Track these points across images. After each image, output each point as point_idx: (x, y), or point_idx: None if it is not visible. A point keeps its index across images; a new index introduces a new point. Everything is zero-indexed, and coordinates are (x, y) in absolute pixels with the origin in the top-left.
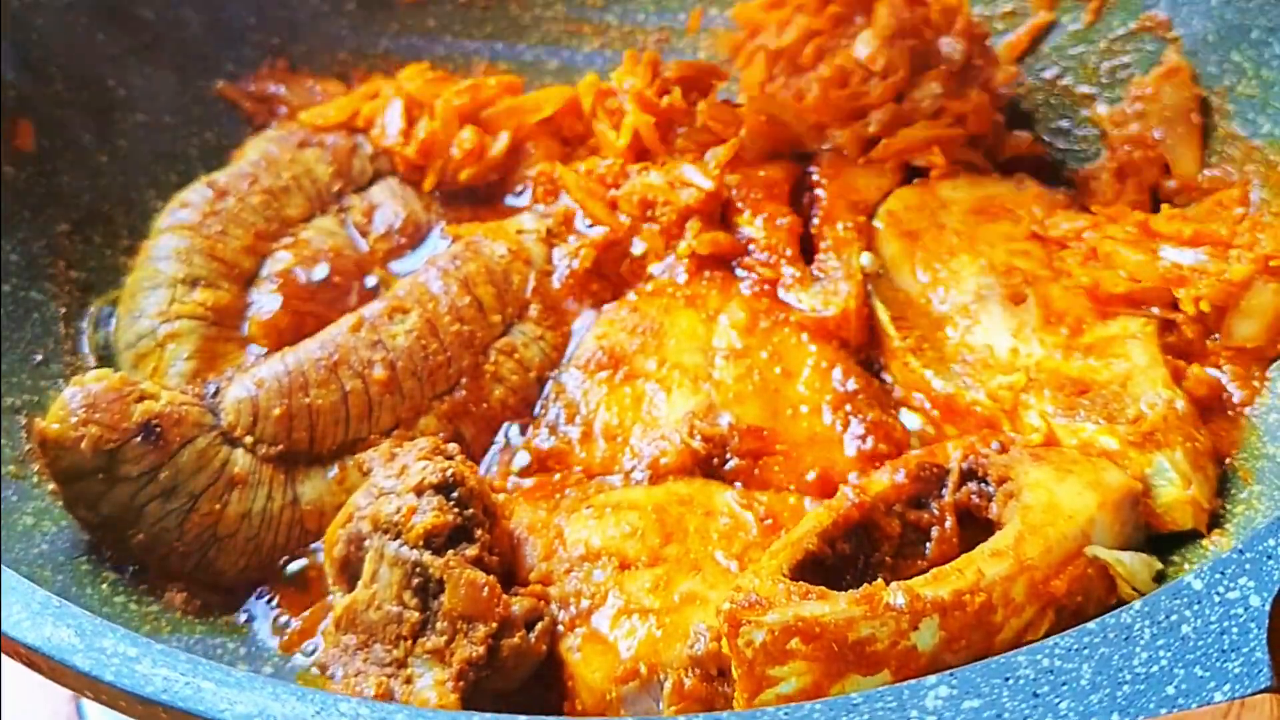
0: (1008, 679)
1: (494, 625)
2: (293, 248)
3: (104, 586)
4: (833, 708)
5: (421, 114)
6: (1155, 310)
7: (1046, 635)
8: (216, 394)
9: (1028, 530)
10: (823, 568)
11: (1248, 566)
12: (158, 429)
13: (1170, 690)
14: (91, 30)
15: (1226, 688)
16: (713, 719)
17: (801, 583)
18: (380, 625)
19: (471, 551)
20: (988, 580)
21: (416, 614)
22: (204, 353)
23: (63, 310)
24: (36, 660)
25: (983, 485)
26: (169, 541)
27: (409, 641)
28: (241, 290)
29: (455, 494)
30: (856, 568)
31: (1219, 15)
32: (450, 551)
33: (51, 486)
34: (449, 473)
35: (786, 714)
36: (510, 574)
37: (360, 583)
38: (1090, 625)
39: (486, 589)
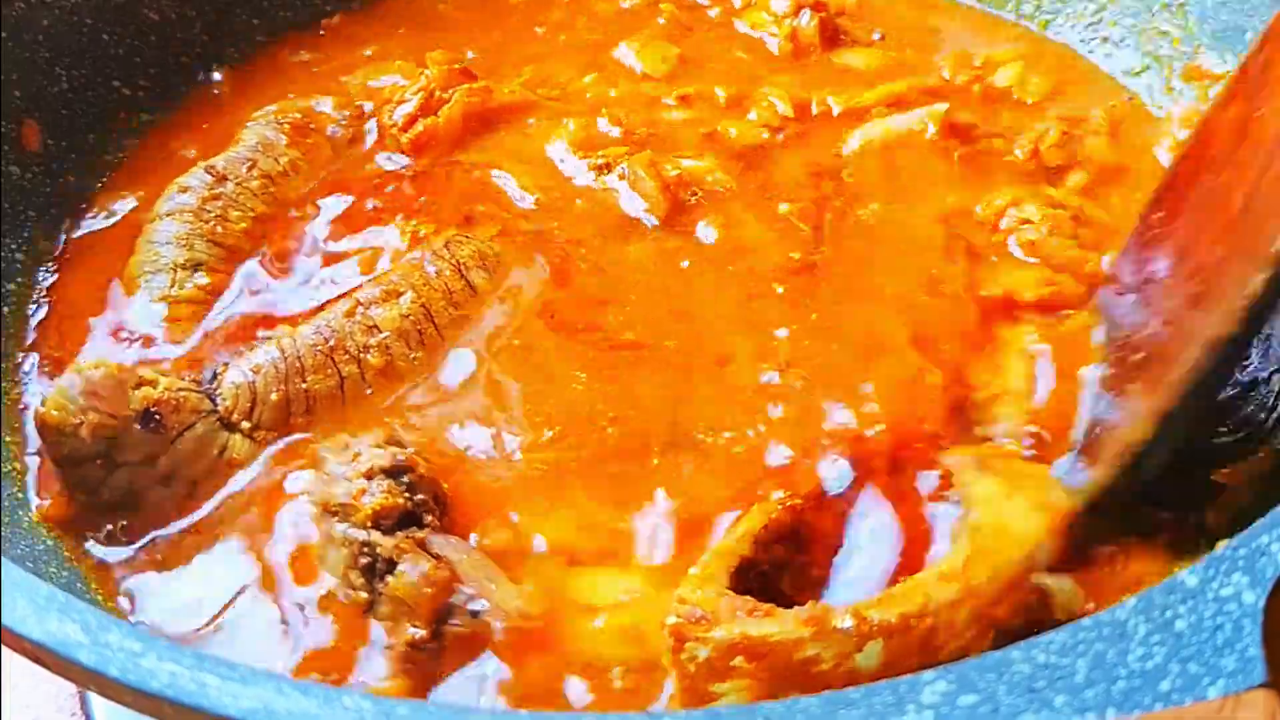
0: (1003, 674)
1: (441, 608)
2: None
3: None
4: (830, 703)
5: (433, 105)
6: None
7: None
8: (214, 379)
9: (976, 554)
10: (757, 572)
11: (1242, 563)
12: (157, 415)
13: (1165, 686)
14: (96, 30)
15: (1221, 684)
16: (711, 714)
17: (747, 597)
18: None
19: (421, 535)
20: (934, 605)
21: (364, 594)
22: None
23: None
24: (41, 655)
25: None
26: (167, 525)
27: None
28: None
29: (405, 479)
30: (790, 571)
31: (1215, 16)
32: (400, 533)
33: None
34: (399, 458)
35: (785, 709)
36: None
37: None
38: (1085, 621)
39: (435, 571)
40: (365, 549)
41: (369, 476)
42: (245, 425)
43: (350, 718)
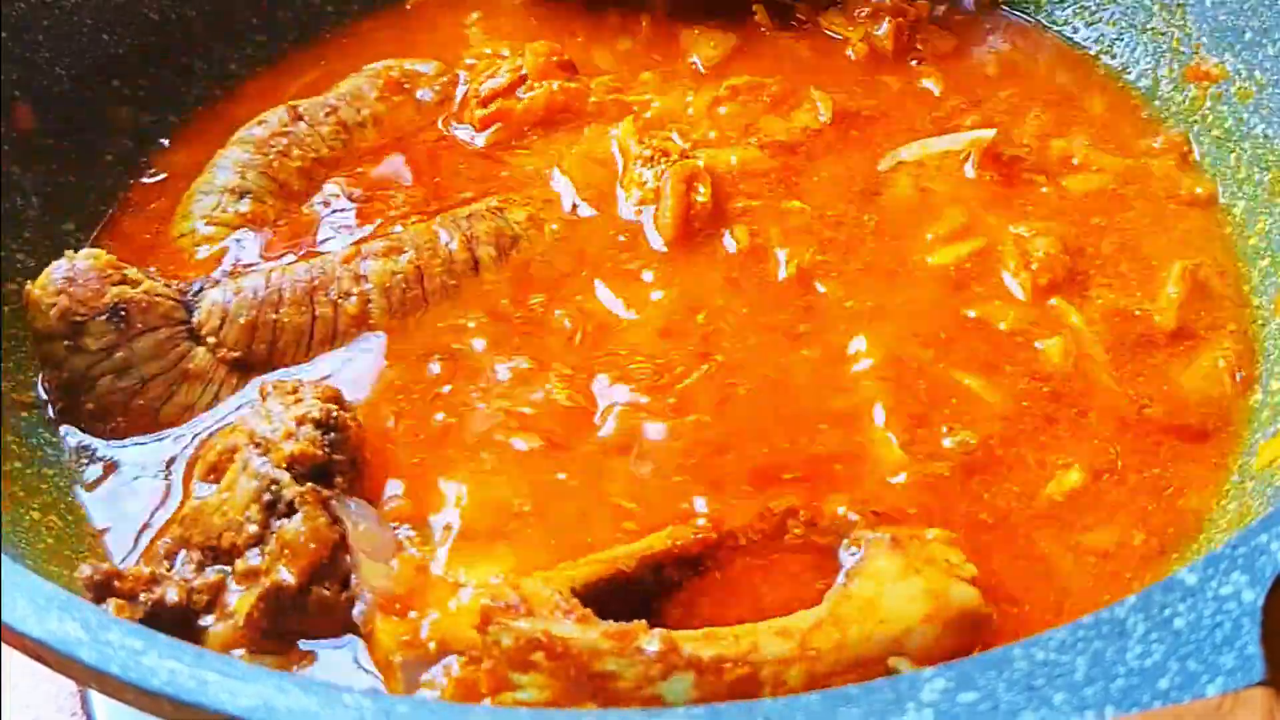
0: (1003, 672)
1: (318, 566)
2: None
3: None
4: (830, 700)
5: (515, 87)
6: None
7: None
8: (199, 293)
9: (830, 620)
10: (639, 589)
11: (1241, 561)
12: (123, 312)
13: (1163, 684)
14: (96, 30)
15: (1219, 681)
16: (713, 712)
17: (577, 601)
18: (218, 530)
19: (328, 493)
20: (760, 656)
21: (256, 528)
22: None
23: None
24: (42, 653)
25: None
26: (114, 415)
27: (238, 553)
28: (286, 209)
29: (331, 435)
30: (679, 596)
31: (1213, 16)
32: (310, 484)
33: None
34: (333, 415)
35: (785, 705)
36: None
37: (217, 487)
38: (1085, 619)
39: (325, 530)
40: (273, 486)
41: (299, 423)
42: (210, 340)
43: (350, 715)
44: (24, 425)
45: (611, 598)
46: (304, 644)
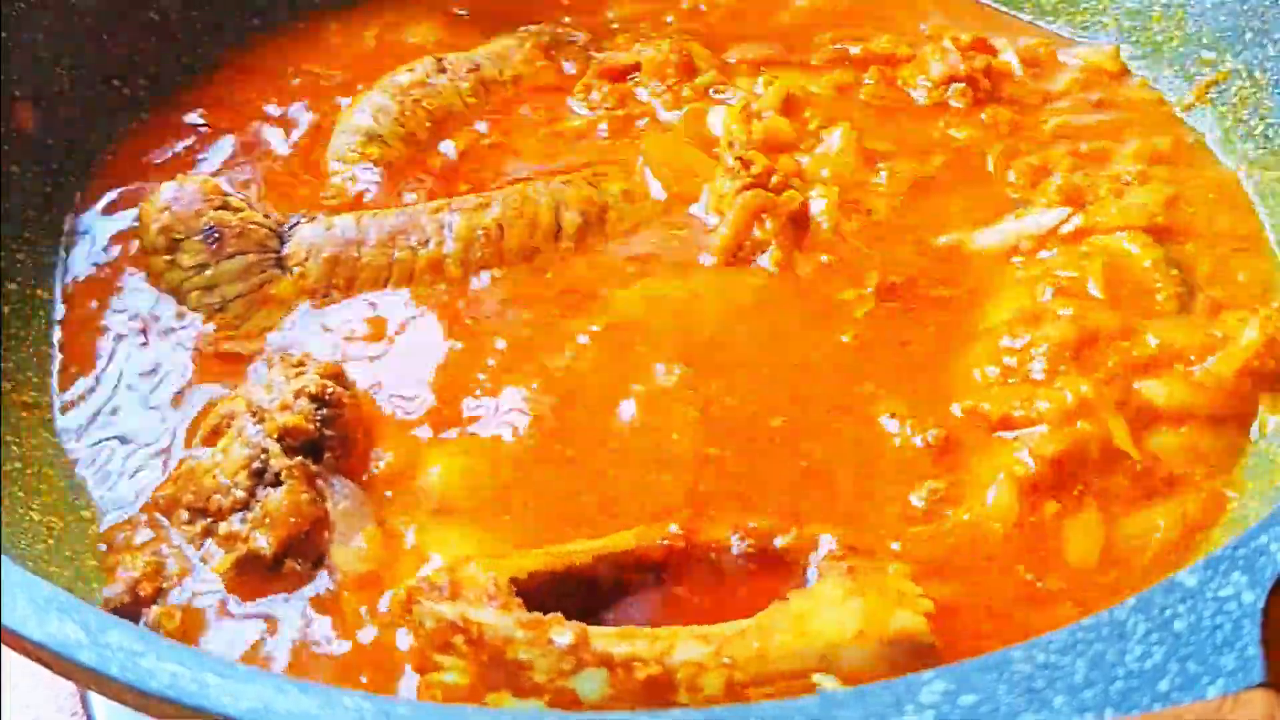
0: (1003, 674)
1: (295, 539)
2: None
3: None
4: (829, 703)
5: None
6: None
7: None
8: (294, 226)
9: (754, 629)
10: (591, 585)
11: (1241, 562)
12: (217, 234)
13: (1163, 685)
14: (96, 30)
15: (1219, 683)
16: (709, 714)
17: (508, 588)
18: (208, 492)
19: (316, 468)
20: (674, 659)
21: (243, 494)
22: None
23: None
24: (42, 655)
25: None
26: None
27: (223, 516)
28: (414, 155)
29: (325, 411)
30: (635, 598)
31: (1213, 17)
32: (299, 458)
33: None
34: (329, 391)
35: (783, 709)
36: None
37: (212, 450)
38: (1085, 621)
39: (308, 506)
40: (263, 455)
41: (296, 395)
42: (295, 271)
43: (350, 717)
44: (24, 425)
45: (568, 594)
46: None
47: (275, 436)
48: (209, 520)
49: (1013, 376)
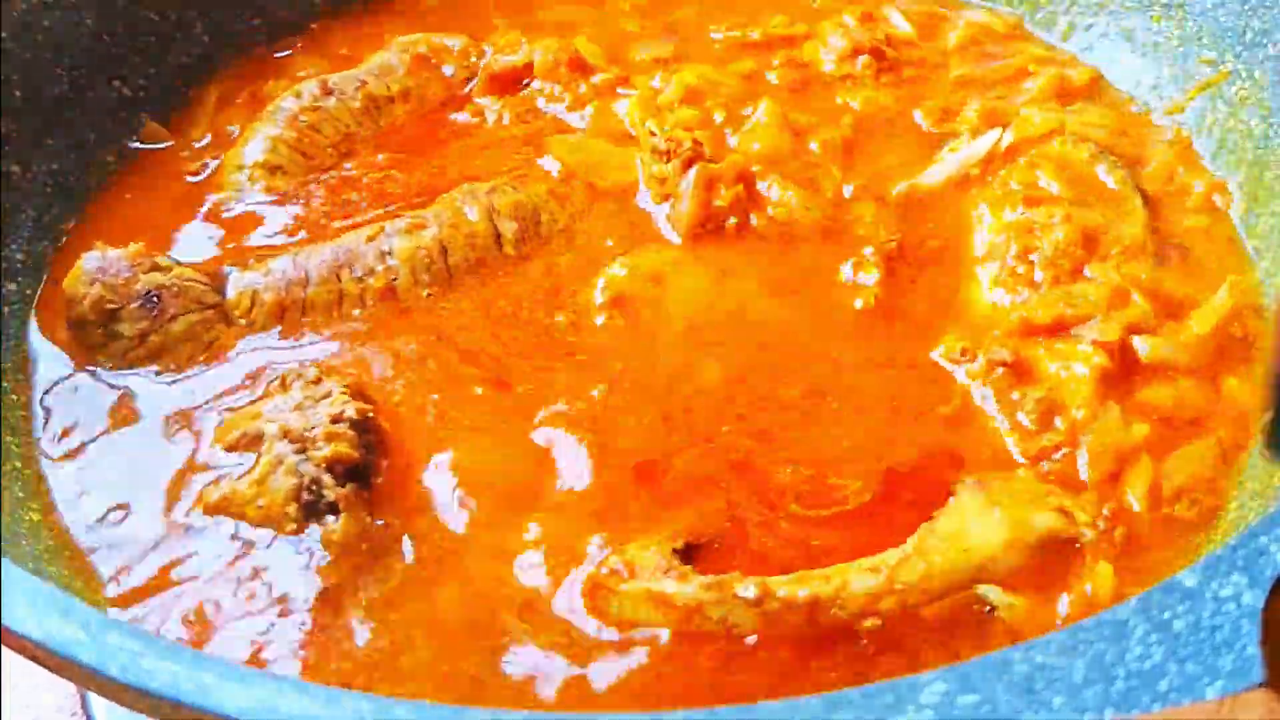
0: (1002, 674)
1: (360, 564)
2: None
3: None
4: (830, 703)
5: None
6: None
7: None
8: (229, 276)
9: (916, 553)
10: None
11: (1240, 563)
12: (156, 299)
13: (1163, 686)
14: (96, 30)
15: (1219, 684)
16: (711, 714)
17: (675, 558)
18: (256, 523)
19: (366, 494)
20: (849, 593)
21: (294, 526)
22: None
23: None
24: (41, 655)
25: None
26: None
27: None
28: (316, 183)
29: (368, 438)
30: None
31: (1213, 16)
32: (351, 485)
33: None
34: (369, 416)
35: (784, 708)
36: None
37: (249, 479)
38: (1085, 622)
39: (371, 527)
40: (313, 486)
41: (335, 420)
42: (242, 322)
43: (350, 718)
44: (24, 425)
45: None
46: None
47: (323, 467)
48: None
49: (1029, 287)
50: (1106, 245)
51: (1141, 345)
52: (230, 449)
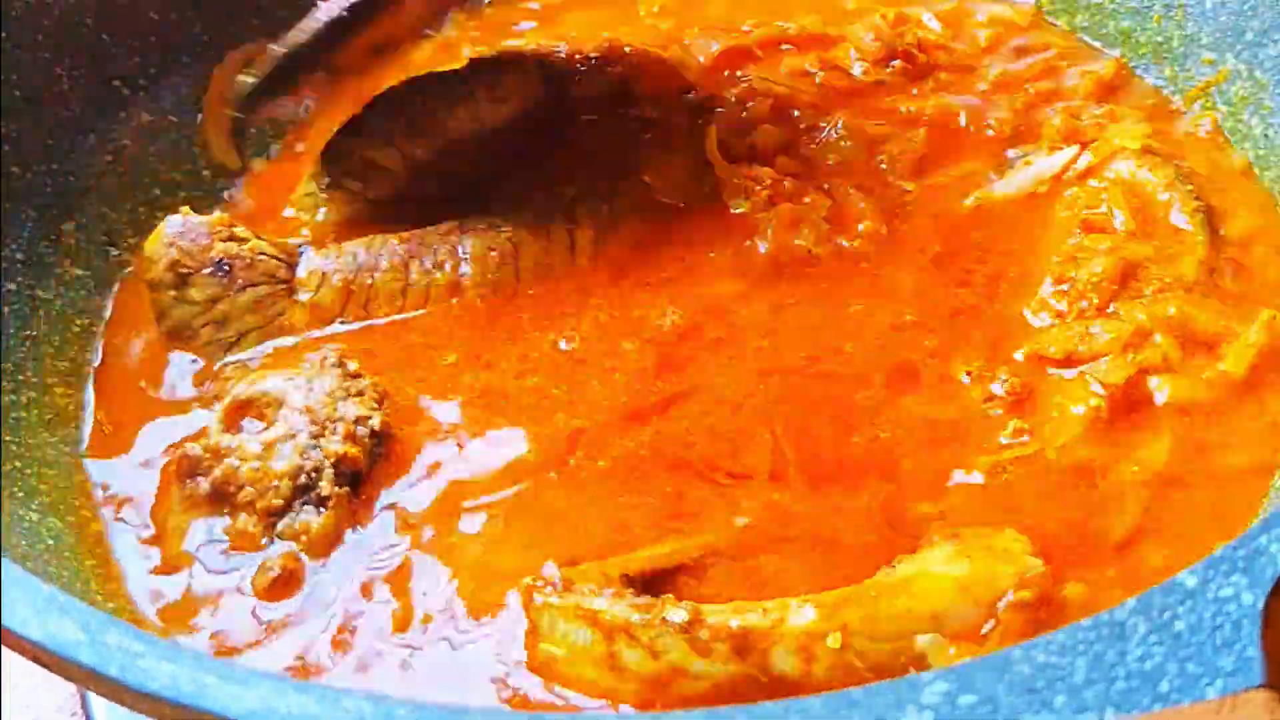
0: (1004, 674)
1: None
2: None
3: (110, 584)
4: (830, 702)
5: None
6: None
7: None
8: (303, 254)
9: (860, 593)
10: None
11: (1241, 564)
12: (227, 267)
13: (1164, 686)
14: (96, 30)
15: (1219, 684)
16: (711, 714)
17: (621, 580)
18: (241, 481)
19: (353, 502)
20: (786, 628)
21: (280, 502)
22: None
23: None
24: (41, 655)
25: None
26: (212, 364)
27: (248, 511)
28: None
29: (380, 450)
30: None
31: (1213, 17)
32: (345, 487)
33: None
34: (390, 428)
35: (787, 709)
36: None
37: (257, 439)
38: (1085, 622)
39: (334, 538)
40: (314, 474)
41: (358, 422)
42: (308, 299)
43: (350, 718)
44: (24, 425)
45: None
46: None
47: (331, 461)
48: (225, 503)
49: (1065, 318)
50: (1146, 280)
51: (1159, 391)
52: (237, 408)
